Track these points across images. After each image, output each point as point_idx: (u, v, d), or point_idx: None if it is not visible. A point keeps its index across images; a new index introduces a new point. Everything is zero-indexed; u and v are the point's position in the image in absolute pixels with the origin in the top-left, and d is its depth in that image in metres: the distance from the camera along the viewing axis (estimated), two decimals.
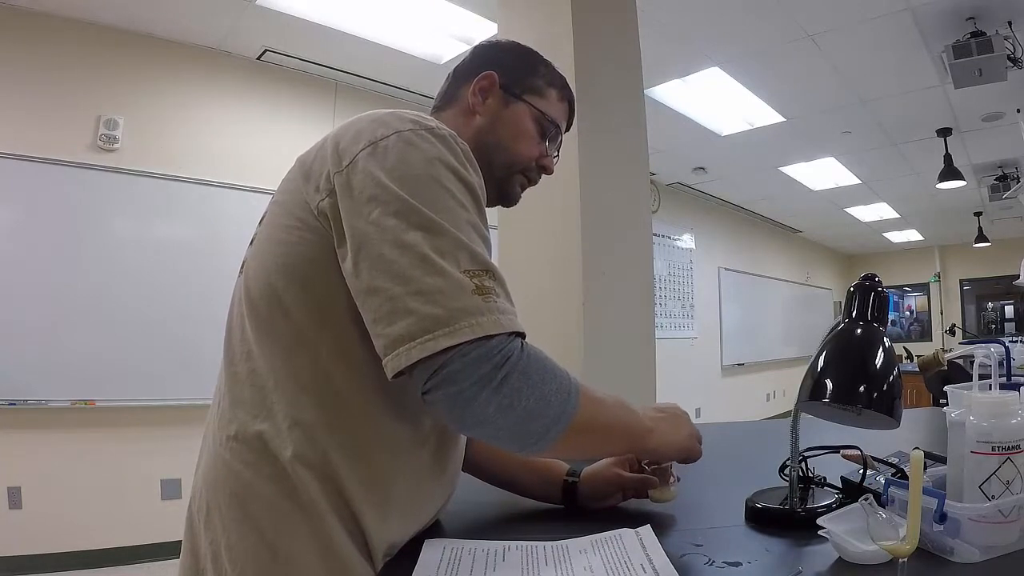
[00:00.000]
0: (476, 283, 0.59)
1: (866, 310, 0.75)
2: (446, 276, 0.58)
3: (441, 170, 0.64)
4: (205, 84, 3.51)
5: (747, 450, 1.42)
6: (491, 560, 0.66)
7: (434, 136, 0.66)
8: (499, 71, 0.85)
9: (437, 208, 0.61)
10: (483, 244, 0.63)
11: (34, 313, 2.88)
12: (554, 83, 0.88)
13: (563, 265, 2.02)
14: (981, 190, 6.24)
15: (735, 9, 3.16)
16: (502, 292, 0.61)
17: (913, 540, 0.51)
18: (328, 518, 0.64)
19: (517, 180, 0.87)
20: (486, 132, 0.83)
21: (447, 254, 0.59)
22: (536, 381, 0.60)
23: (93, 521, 2.99)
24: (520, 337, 0.61)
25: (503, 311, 0.59)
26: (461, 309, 0.57)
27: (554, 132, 0.88)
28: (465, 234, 0.61)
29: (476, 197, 0.66)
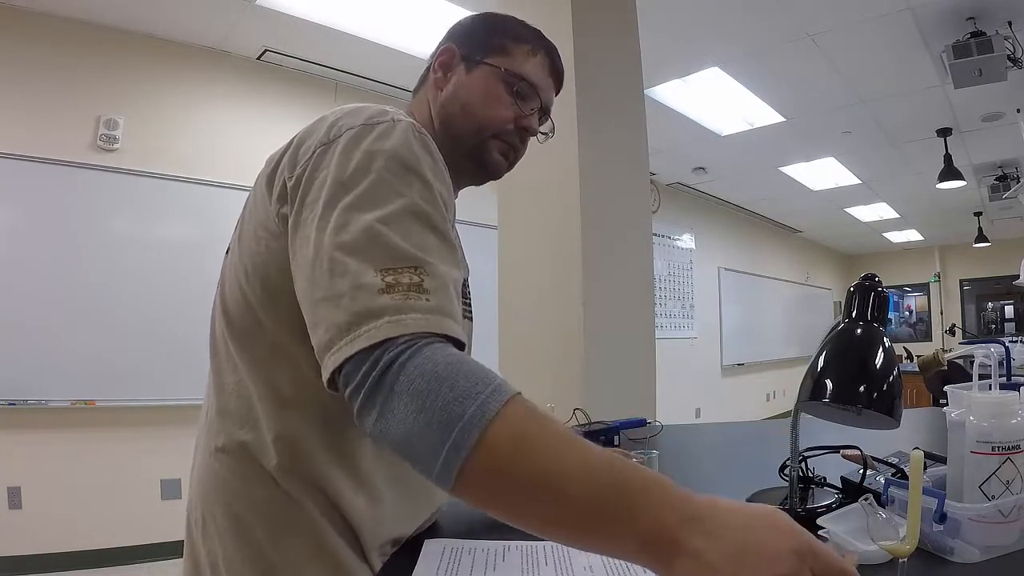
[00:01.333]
0: (389, 280, 0.51)
1: (866, 310, 0.75)
2: (351, 277, 0.52)
3: (382, 162, 0.59)
4: (205, 84, 3.51)
5: (747, 450, 1.42)
6: (491, 560, 0.66)
7: (385, 128, 0.62)
8: (458, 42, 0.81)
9: (367, 205, 0.56)
10: (425, 233, 0.56)
11: (34, 313, 2.88)
12: (522, 38, 0.81)
13: (563, 265, 2.02)
14: (981, 190, 6.24)
15: (735, 9, 3.16)
16: (432, 285, 0.52)
17: (913, 540, 0.51)
18: (320, 524, 0.64)
19: (494, 146, 0.80)
20: (450, 103, 0.80)
21: (360, 252, 0.53)
22: (424, 391, 0.45)
23: (93, 521, 2.99)
24: (435, 337, 0.50)
25: (417, 309, 0.50)
26: (366, 312, 0.50)
27: (527, 89, 0.80)
28: (394, 227, 0.54)
29: (425, 182, 0.59)
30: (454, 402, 0.44)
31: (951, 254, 10.07)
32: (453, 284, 0.55)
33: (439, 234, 0.57)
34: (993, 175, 5.79)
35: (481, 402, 0.44)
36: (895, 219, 8.21)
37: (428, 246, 0.55)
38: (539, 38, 0.83)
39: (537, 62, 0.81)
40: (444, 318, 0.51)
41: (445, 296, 0.53)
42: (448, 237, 0.59)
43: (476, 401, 0.44)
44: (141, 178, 3.20)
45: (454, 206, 0.70)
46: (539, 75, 0.81)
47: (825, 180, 6.36)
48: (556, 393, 0.87)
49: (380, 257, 0.53)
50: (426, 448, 0.45)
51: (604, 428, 1.36)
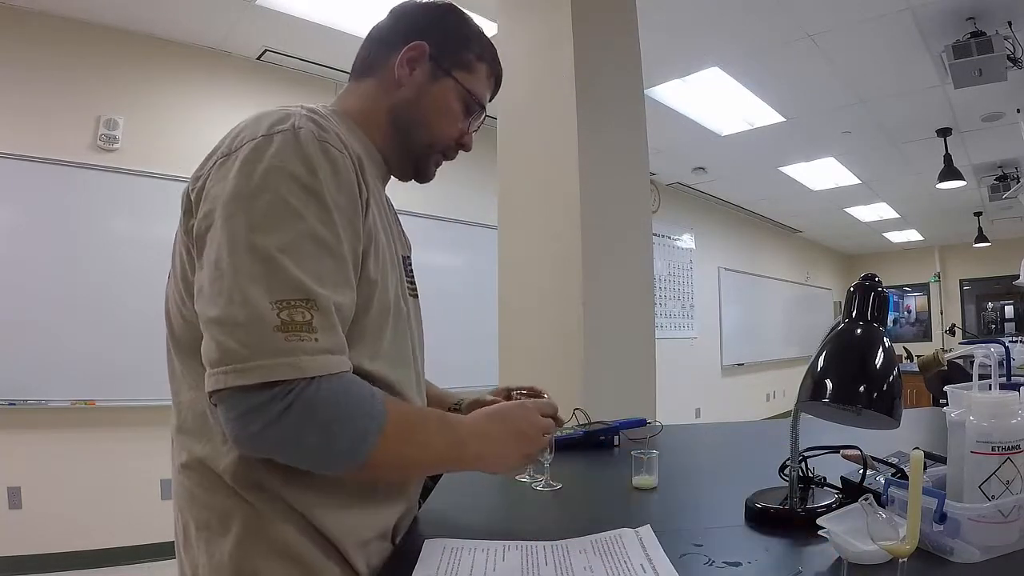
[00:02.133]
0: (284, 317, 0.56)
1: (866, 310, 0.75)
2: (248, 307, 0.55)
3: (281, 181, 0.60)
4: (205, 84, 3.51)
5: (747, 450, 1.42)
6: (491, 560, 0.66)
7: (284, 139, 0.62)
8: (430, 42, 0.79)
9: (265, 227, 0.58)
10: (322, 258, 0.60)
11: (34, 313, 2.88)
12: (484, 57, 0.84)
13: (563, 265, 2.02)
14: (981, 190, 6.24)
15: (735, 9, 3.16)
16: (321, 323, 0.58)
17: (913, 540, 0.51)
18: (279, 526, 0.65)
19: (434, 159, 0.84)
20: (409, 107, 0.79)
21: (257, 280, 0.56)
22: (311, 423, 0.58)
23: (93, 521, 2.99)
24: (319, 379, 0.57)
25: (307, 351, 0.56)
26: (259, 348, 0.55)
27: (479, 111, 0.84)
28: (291, 255, 0.57)
29: (322, 204, 0.61)
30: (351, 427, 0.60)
31: (951, 254, 10.08)
32: (339, 311, 0.61)
33: (334, 257, 0.61)
34: (993, 175, 5.80)
35: (367, 431, 0.61)
36: (895, 219, 8.21)
37: (323, 274, 0.59)
38: (495, 60, 0.86)
39: (490, 85, 0.86)
40: (331, 356, 0.59)
41: (332, 333, 0.59)
42: (342, 257, 0.62)
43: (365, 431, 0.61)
44: (141, 178, 3.20)
45: (381, 200, 0.78)
46: (487, 94, 0.86)
47: (825, 180, 6.37)
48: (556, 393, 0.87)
49: (276, 288, 0.56)
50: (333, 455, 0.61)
51: (604, 428, 1.36)
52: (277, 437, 0.57)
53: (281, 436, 0.57)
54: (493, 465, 0.73)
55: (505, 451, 0.73)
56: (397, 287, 0.75)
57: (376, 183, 0.76)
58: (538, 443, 0.75)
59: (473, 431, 0.72)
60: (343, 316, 0.62)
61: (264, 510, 0.65)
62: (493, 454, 0.72)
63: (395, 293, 0.74)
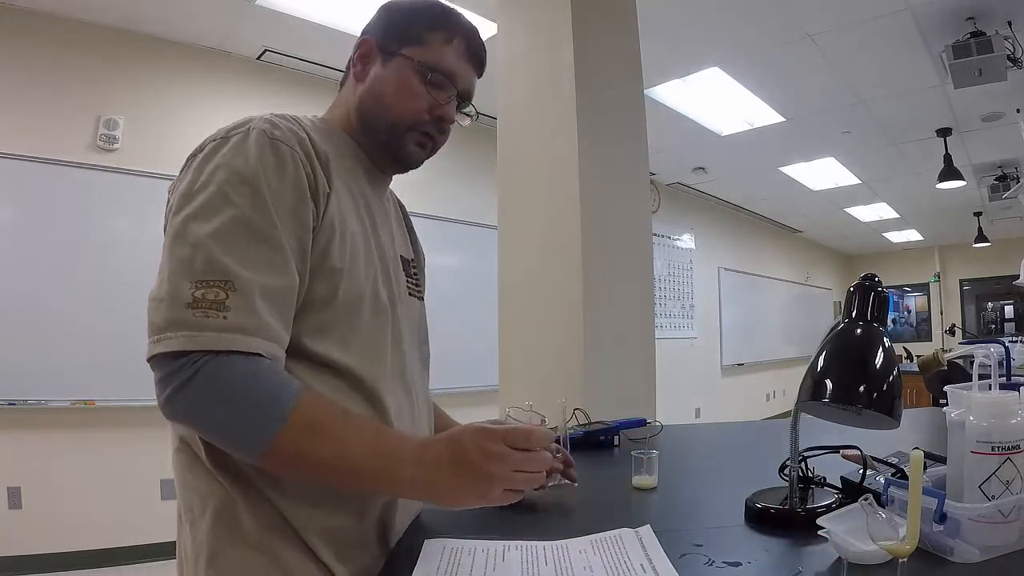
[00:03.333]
0: (198, 295, 0.59)
1: (866, 310, 0.75)
2: (171, 285, 0.60)
3: (223, 174, 0.65)
4: (205, 84, 3.51)
5: (747, 450, 1.42)
6: (491, 560, 0.66)
7: (237, 140, 0.68)
8: (375, 34, 0.82)
9: (201, 217, 0.63)
10: (252, 244, 0.63)
11: (34, 313, 2.88)
12: (437, 25, 0.80)
13: (563, 265, 2.02)
14: (981, 190, 6.24)
15: (735, 9, 3.16)
16: (238, 303, 0.60)
17: (913, 540, 0.51)
18: (246, 513, 0.67)
19: (410, 138, 0.81)
20: (367, 97, 0.81)
21: (184, 263, 0.61)
22: (216, 401, 0.59)
23: (93, 521, 2.99)
24: (210, 353, 0.59)
25: (210, 327, 0.59)
26: (171, 321, 0.59)
27: (441, 79, 0.79)
28: (220, 240, 0.61)
29: (258, 194, 0.64)
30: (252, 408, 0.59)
31: (951, 254, 10.07)
32: (266, 294, 0.62)
33: (268, 243, 0.64)
34: (993, 175, 5.79)
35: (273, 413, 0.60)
36: (895, 219, 8.21)
37: (250, 259, 0.62)
38: (455, 23, 0.82)
39: (453, 49, 0.80)
40: (239, 335, 0.59)
41: (248, 313, 0.60)
42: (277, 243, 0.64)
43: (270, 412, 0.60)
44: (141, 178, 3.20)
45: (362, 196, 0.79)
46: (455, 62, 0.80)
47: (825, 180, 6.36)
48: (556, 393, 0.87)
49: (199, 270, 0.60)
50: (234, 437, 0.60)
51: (604, 428, 1.36)
52: (183, 406, 0.60)
53: (186, 406, 0.60)
54: (440, 497, 0.64)
55: (453, 484, 0.63)
56: (378, 281, 0.77)
57: (355, 180, 0.79)
58: (502, 480, 0.62)
59: (419, 454, 0.63)
60: (277, 299, 0.64)
61: (236, 495, 0.67)
62: (437, 484, 0.63)
63: (373, 287, 0.76)
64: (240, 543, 0.67)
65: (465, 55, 0.82)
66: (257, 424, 0.59)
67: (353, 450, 0.63)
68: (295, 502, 0.68)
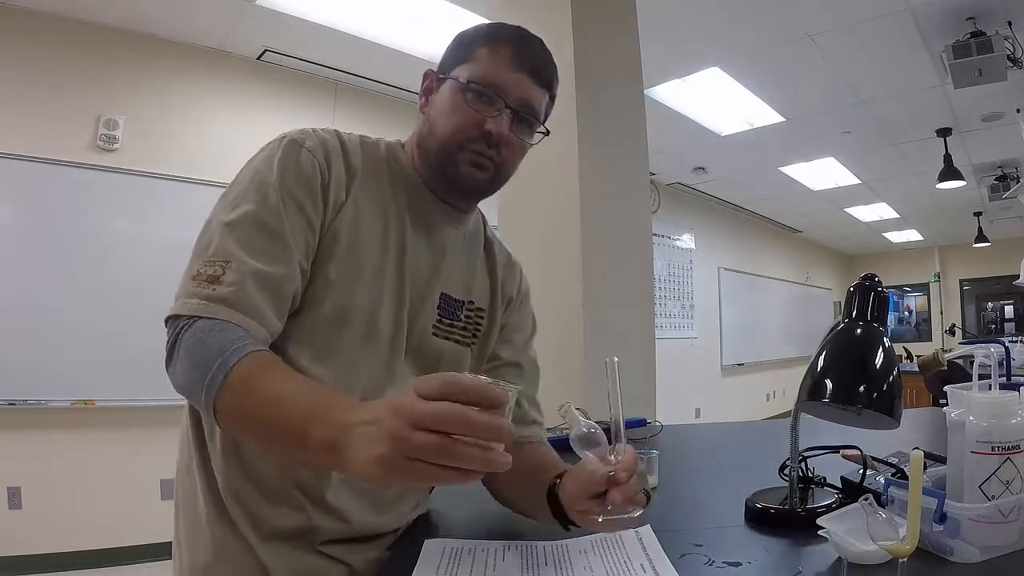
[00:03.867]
0: (204, 271, 0.66)
1: (866, 310, 0.75)
2: (191, 263, 0.68)
3: (250, 174, 0.72)
4: (205, 84, 3.51)
5: (747, 450, 1.42)
6: (491, 560, 0.66)
7: (272, 146, 0.74)
8: (437, 66, 0.82)
9: (227, 208, 0.70)
10: (256, 237, 0.68)
11: (34, 313, 2.88)
12: (485, 39, 0.77)
13: (563, 265, 2.02)
14: (981, 190, 6.24)
15: (735, 9, 3.16)
16: (230, 278, 0.65)
17: (913, 540, 0.51)
18: (200, 503, 0.74)
19: (461, 159, 0.76)
20: (424, 126, 0.81)
21: (202, 246, 0.68)
22: (186, 357, 0.62)
23: (93, 521, 2.99)
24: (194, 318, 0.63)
25: (199, 296, 0.64)
26: (182, 290, 0.66)
27: (482, 91, 0.75)
28: (232, 228, 0.68)
29: (264, 194, 0.69)
30: (205, 363, 0.59)
31: (951, 254, 10.07)
32: (259, 276, 0.66)
33: (270, 236, 0.68)
34: (993, 175, 5.79)
35: (218, 365, 0.59)
36: (895, 219, 8.21)
37: (252, 247, 0.67)
38: (503, 33, 0.78)
39: (499, 58, 0.76)
40: (220, 306, 0.63)
41: (237, 288, 0.64)
42: (281, 237, 0.68)
43: (216, 364, 0.59)
44: (141, 178, 3.20)
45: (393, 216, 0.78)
46: (500, 72, 0.75)
47: (825, 180, 6.36)
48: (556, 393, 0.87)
49: (209, 252, 0.67)
50: (194, 395, 0.61)
51: (604, 428, 1.35)
52: (171, 367, 0.64)
53: (172, 366, 0.64)
54: (343, 463, 0.50)
55: (360, 446, 0.49)
56: (381, 307, 0.75)
57: (392, 203, 0.79)
58: (397, 440, 0.46)
59: (346, 417, 0.51)
60: (269, 283, 0.67)
61: (199, 471, 0.75)
62: (348, 447, 0.49)
63: (371, 311, 0.74)
64: (188, 504, 0.76)
65: (514, 63, 0.76)
66: (205, 374, 0.59)
67: (283, 407, 0.56)
68: (222, 464, 0.72)
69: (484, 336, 0.87)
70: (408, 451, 0.45)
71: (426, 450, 0.45)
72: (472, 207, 0.87)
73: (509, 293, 0.91)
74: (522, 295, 0.94)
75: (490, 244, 0.92)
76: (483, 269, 0.89)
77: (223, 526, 0.72)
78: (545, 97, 0.80)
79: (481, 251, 0.90)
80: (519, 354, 0.92)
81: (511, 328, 0.91)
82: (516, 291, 0.93)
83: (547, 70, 0.80)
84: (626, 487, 0.60)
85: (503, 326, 0.90)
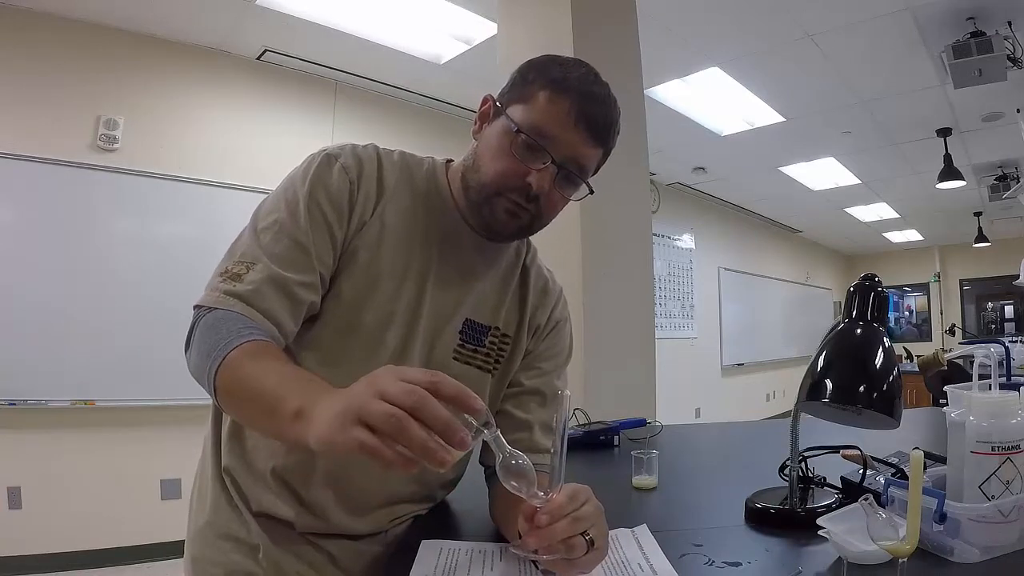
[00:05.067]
0: (232, 269, 0.70)
1: (866, 310, 0.75)
2: (223, 262, 0.73)
3: (285, 184, 0.77)
4: (205, 84, 3.51)
5: (747, 450, 1.42)
6: (488, 561, 0.66)
7: (310, 157, 0.77)
8: (498, 92, 0.79)
9: (262, 215, 0.75)
10: (280, 242, 0.72)
11: (34, 313, 2.88)
12: (549, 82, 0.73)
13: (563, 265, 2.02)
14: (981, 190, 6.24)
15: (735, 9, 3.16)
16: (251, 278, 0.69)
17: (913, 540, 0.51)
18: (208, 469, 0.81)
19: (499, 204, 0.75)
20: (470, 156, 0.79)
21: (234, 247, 0.73)
22: (199, 341, 0.67)
23: (93, 521, 2.98)
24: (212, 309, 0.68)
25: (221, 290, 0.68)
26: (209, 283, 0.71)
27: (531, 142, 0.72)
28: (262, 234, 0.73)
29: (293, 206, 0.73)
30: (211, 349, 0.63)
31: (951, 254, 10.07)
32: (277, 280, 0.70)
33: (294, 243, 0.72)
34: (993, 175, 5.79)
35: (220, 350, 0.62)
36: (895, 219, 8.21)
37: (276, 253, 0.71)
38: (569, 82, 0.73)
39: (558, 109, 0.72)
40: (236, 300, 0.68)
41: (255, 287, 0.69)
42: (302, 244, 0.72)
43: (220, 349, 0.63)
44: (141, 178, 3.20)
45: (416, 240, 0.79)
46: (555, 125, 0.72)
47: (825, 180, 6.36)
48: None
49: (240, 253, 0.72)
50: (203, 368, 0.63)
51: (604, 428, 1.36)
52: (188, 351, 0.69)
53: (188, 352, 0.68)
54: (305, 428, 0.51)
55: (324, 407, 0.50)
56: (391, 327, 0.76)
57: (416, 225, 0.79)
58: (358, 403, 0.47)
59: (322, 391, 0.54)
60: (284, 288, 0.70)
61: (211, 441, 0.81)
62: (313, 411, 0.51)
63: (380, 329, 0.76)
64: (198, 491, 0.84)
65: (573, 118, 0.72)
66: (209, 361, 0.63)
67: (264, 384, 0.58)
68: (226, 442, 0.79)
69: (507, 362, 0.85)
70: (360, 414, 0.46)
71: (376, 416, 0.45)
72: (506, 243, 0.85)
73: (539, 321, 0.88)
74: (553, 322, 0.90)
75: (527, 271, 0.89)
76: (515, 296, 0.87)
77: (222, 494, 0.80)
78: (599, 154, 0.79)
79: (516, 277, 0.88)
80: (543, 382, 0.87)
81: (538, 355, 0.88)
82: (547, 318, 0.89)
83: (606, 129, 0.77)
84: (543, 532, 0.55)
85: (528, 352, 0.87)
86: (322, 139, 3.46)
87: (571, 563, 0.57)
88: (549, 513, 0.56)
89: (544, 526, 0.55)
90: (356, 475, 0.77)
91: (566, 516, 0.56)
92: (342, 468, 0.76)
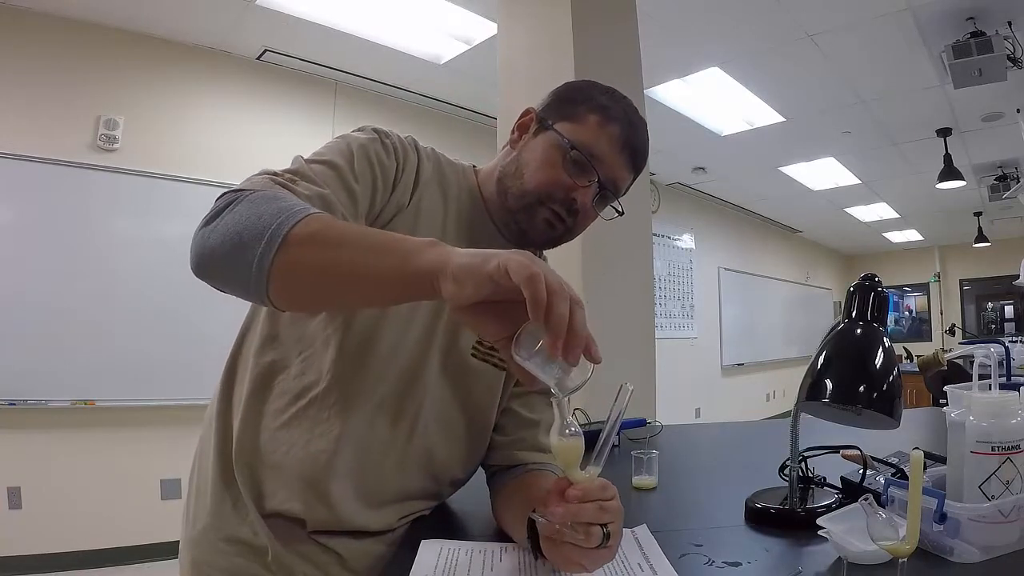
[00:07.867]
0: (285, 175, 0.67)
1: (866, 310, 0.75)
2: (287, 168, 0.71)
3: (334, 142, 0.75)
4: (205, 84, 3.51)
5: (747, 450, 1.42)
6: (488, 561, 0.66)
7: (359, 128, 0.79)
8: (540, 107, 0.83)
9: (315, 156, 0.73)
10: (325, 171, 0.70)
11: (34, 313, 2.88)
12: (598, 107, 0.79)
13: (563, 265, 2.01)
14: (981, 190, 6.24)
15: (735, 9, 3.16)
16: (298, 181, 0.67)
17: (913, 540, 0.51)
18: (210, 463, 0.78)
19: (539, 213, 0.78)
20: (512, 164, 0.81)
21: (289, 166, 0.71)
22: (259, 202, 0.58)
23: (93, 521, 2.99)
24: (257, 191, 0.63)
25: (271, 184, 0.65)
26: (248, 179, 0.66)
27: (581, 159, 0.76)
28: (314, 164, 0.70)
29: (347, 155, 0.72)
30: (285, 207, 0.57)
31: (951, 254, 10.07)
32: (326, 202, 0.67)
33: (336, 171, 0.71)
34: (993, 175, 5.79)
35: (303, 207, 0.57)
36: (895, 219, 8.21)
37: (321, 176, 0.69)
38: (617, 111, 0.79)
39: (606, 134, 0.77)
40: (285, 194, 0.62)
41: (295, 193, 0.64)
42: (346, 182, 0.70)
43: (303, 207, 0.57)
44: (141, 178, 3.20)
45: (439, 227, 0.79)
46: (603, 147, 0.77)
47: (825, 180, 6.36)
48: None
49: (294, 168, 0.70)
50: (261, 225, 0.55)
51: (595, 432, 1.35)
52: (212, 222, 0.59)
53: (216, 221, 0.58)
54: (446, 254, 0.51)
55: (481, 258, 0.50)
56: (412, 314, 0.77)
57: (447, 216, 0.80)
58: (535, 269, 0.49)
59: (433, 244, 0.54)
60: (322, 198, 0.67)
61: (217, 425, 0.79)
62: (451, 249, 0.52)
63: (407, 315, 0.76)
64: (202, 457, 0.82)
65: (618, 144, 0.78)
66: (273, 222, 0.55)
67: (368, 237, 0.57)
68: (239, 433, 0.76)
69: None
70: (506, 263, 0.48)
71: (550, 280, 0.49)
72: None
73: None
74: None
75: None
76: None
77: (225, 495, 0.77)
78: (630, 180, 0.83)
79: None
80: None
81: None
82: None
83: (643, 158, 0.83)
84: (571, 508, 0.56)
85: None
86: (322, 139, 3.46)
87: (582, 552, 0.56)
88: (582, 492, 0.57)
89: (573, 502, 0.56)
90: (374, 467, 0.77)
91: (595, 501, 0.57)
92: (362, 457, 0.76)
